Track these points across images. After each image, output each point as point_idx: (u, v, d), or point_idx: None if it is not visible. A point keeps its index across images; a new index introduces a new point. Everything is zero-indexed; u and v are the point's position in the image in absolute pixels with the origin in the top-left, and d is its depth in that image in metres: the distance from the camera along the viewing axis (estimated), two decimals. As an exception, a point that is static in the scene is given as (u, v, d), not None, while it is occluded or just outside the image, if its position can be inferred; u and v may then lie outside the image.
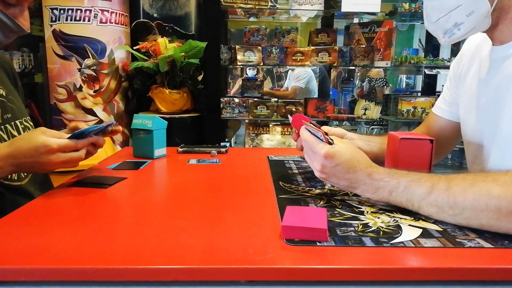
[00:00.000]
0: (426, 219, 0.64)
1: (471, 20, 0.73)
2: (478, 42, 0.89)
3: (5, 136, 0.88)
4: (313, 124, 0.76)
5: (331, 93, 3.36)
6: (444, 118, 0.99)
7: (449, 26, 0.76)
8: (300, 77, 3.41)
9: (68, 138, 0.79)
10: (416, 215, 0.65)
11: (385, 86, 3.05)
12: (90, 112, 2.68)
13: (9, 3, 0.80)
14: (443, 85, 1.12)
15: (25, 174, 0.92)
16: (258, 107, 2.54)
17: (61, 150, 0.77)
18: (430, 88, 2.82)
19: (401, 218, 0.64)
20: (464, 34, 0.76)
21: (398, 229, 0.60)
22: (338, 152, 0.68)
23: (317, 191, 0.80)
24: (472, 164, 0.89)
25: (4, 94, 0.93)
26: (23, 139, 0.78)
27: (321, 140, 0.71)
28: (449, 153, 1.05)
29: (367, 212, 0.67)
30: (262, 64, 2.53)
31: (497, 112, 0.77)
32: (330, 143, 0.70)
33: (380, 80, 3.09)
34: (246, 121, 2.67)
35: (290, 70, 3.67)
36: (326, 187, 0.83)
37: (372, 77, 3.09)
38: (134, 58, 2.73)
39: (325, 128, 0.86)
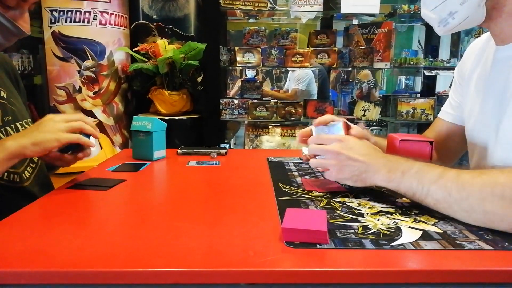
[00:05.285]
0: (426, 221, 0.64)
1: (465, 8, 0.74)
2: (482, 44, 0.89)
3: None
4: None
5: (330, 94, 3.36)
6: (451, 122, 0.99)
7: (444, 15, 0.77)
8: (301, 79, 3.41)
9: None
10: (416, 217, 0.65)
11: (375, 88, 3.05)
12: (90, 113, 2.68)
13: (9, 6, 0.80)
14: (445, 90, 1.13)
15: (28, 175, 0.92)
16: (258, 108, 2.55)
17: (63, 119, 0.83)
18: (430, 89, 2.82)
19: (401, 220, 0.64)
20: (458, 24, 0.76)
21: (398, 231, 0.60)
22: (353, 139, 0.77)
23: (317, 193, 0.80)
24: (475, 166, 0.89)
25: (5, 96, 0.93)
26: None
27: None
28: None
29: (367, 214, 0.67)
30: (261, 65, 2.53)
31: (501, 113, 0.77)
32: None
33: (369, 82, 3.09)
34: (246, 122, 2.67)
35: (290, 71, 3.67)
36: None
37: (361, 80, 3.09)
38: (133, 60, 2.73)
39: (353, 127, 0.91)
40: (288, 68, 3.26)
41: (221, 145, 1.89)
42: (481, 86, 0.85)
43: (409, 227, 0.61)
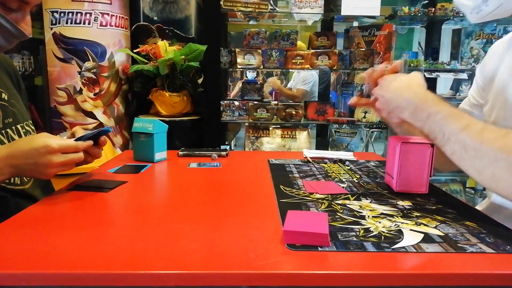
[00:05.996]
0: (428, 223, 0.64)
1: None
2: (506, 43, 0.88)
3: (5, 141, 0.88)
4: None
5: (331, 96, 3.36)
6: None
7: (479, 1, 0.76)
8: (307, 80, 3.42)
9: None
10: (417, 220, 0.65)
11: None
12: (90, 115, 2.68)
13: (10, 8, 0.80)
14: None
15: (28, 178, 0.92)
16: (258, 110, 2.54)
17: (61, 151, 0.76)
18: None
19: (402, 223, 0.64)
20: (492, 11, 0.75)
21: (399, 234, 0.60)
22: (390, 77, 0.80)
23: (318, 195, 0.80)
24: None
25: (6, 98, 0.93)
26: (23, 140, 0.78)
27: None
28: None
29: (369, 216, 0.67)
30: (262, 67, 2.53)
31: None
32: None
33: (365, 85, 3.06)
34: (246, 124, 2.66)
35: (296, 72, 3.67)
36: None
37: (357, 83, 3.08)
38: (134, 61, 2.73)
39: None
40: (290, 70, 3.26)
41: (222, 147, 1.88)
42: (506, 80, 0.83)
43: (411, 229, 0.61)
